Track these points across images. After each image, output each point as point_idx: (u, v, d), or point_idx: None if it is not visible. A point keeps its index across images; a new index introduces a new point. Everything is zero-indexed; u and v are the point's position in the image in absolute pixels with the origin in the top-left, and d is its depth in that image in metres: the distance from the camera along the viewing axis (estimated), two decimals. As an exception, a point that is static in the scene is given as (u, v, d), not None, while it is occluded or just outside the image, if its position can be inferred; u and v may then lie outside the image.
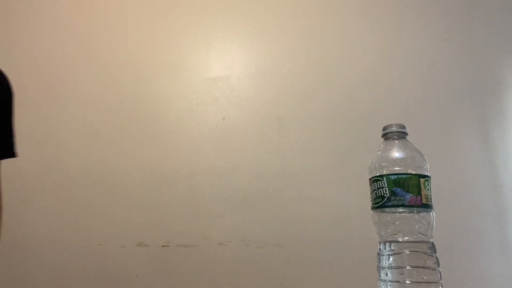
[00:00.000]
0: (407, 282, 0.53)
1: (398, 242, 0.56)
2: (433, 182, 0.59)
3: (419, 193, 0.56)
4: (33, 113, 1.10)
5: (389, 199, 0.56)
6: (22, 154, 1.07)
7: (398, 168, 0.58)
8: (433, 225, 0.57)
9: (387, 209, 0.57)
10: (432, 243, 0.56)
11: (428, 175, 0.58)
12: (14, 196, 1.02)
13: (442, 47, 1.16)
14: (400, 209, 0.56)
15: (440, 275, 0.54)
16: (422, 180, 0.56)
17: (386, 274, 0.55)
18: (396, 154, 0.60)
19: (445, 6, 1.20)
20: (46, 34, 1.17)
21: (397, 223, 0.57)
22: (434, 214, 0.57)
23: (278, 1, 1.20)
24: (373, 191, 0.60)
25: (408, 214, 0.56)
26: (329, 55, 1.15)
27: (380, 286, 0.56)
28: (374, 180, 0.59)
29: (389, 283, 0.55)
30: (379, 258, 0.58)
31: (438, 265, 0.55)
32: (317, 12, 1.19)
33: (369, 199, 0.62)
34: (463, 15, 1.20)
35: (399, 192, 0.56)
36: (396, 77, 1.13)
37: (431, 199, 0.57)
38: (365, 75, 1.13)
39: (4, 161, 0.69)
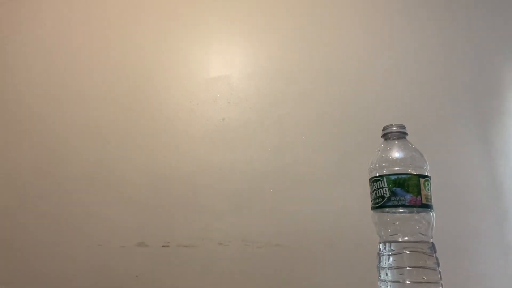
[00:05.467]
0: (407, 282, 0.53)
1: (398, 242, 0.56)
2: (433, 182, 0.59)
3: (419, 193, 0.56)
4: (32, 112, 1.10)
5: (389, 199, 0.56)
6: (22, 153, 1.07)
7: (398, 168, 0.58)
8: (433, 225, 0.57)
9: (387, 209, 0.57)
10: (432, 243, 0.56)
11: (428, 175, 0.58)
12: (13, 196, 1.02)
13: (442, 47, 1.16)
14: (400, 209, 0.56)
15: (440, 275, 0.54)
16: (422, 180, 0.56)
17: (386, 274, 0.55)
18: (396, 154, 0.60)
19: (444, 5, 1.20)
20: (46, 34, 1.17)
21: (397, 223, 0.57)
22: (434, 214, 0.57)
23: (279, 1, 1.20)
24: (373, 191, 0.60)
25: (408, 214, 0.56)
26: (330, 55, 1.15)
27: (380, 286, 0.56)
28: (374, 180, 0.59)
29: (389, 283, 0.55)
30: (379, 258, 0.58)
31: (438, 265, 0.55)
32: (317, 12, 1.19)
33: (369, 199, 0.62)
34: (463, 14, 1.20)
35: (399, 192, 0.56)
36: (396, 77, 1.13)
37: (431, 199, 0.57)
38: (365, 74, 1.13)
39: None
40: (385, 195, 0.57)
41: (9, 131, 1.08)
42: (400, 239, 0.56)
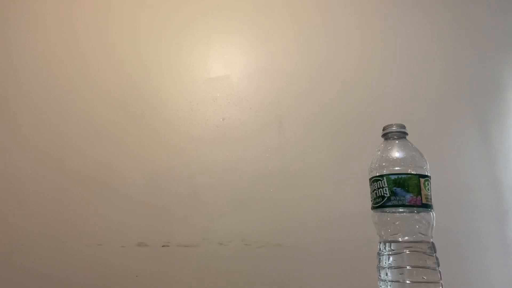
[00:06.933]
0: (407, 282, 0.53)
1: (398, 242, 0.56)
2: (433, 182, 0.59)
3: (419, 193, 0.56)
4: (32, 113, 1.10)
5: (389, 199, 0.56)
6: (22, 154, 1.07)
7: (398, 168, 0.58)
8: (433, 225, 0.57)
9: (387, 209, 0.57)
10: (432, 243, 0.56)
11: (428, 175, 0.58)
12: (13, 196, 1.02)
13: (442, 47, 1.16)
14: (400, 209, 0.56)
15: (440, 275, 0.54)
16: (422, 180, 0.56)
17: (386, 274, 0.55)
18: (396, 154, 0.60)
19: (444, 4, 1.20)
20: (45, 33, 1.17)
21: (397, 223, 0.57)
22: (434, 214, 0.57)
23: (279, 1, 1.20)
24: (373, 191, 0.60)
25: (408, 214, 0.56)
26: (330, 55, 1.15)
27: (380, 286, 0.56)
28: (374, 180, 0.59)
29: (389, 283, 0.55)
30: (379, 258, 0.58)
31: (438, 265, 0.55)
32: (317, 12, 1.19)
33: (369, 199, 0.62)
34: (463, 13, 1.20)
35: (399, 192, 0.56)
36: (396, 77, 1.13)
37: (431, 199, 0.57)
38: (365, 75, 1.13)
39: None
40: (385, 194, 0.57)
41: (9, 131, 1.08)
42: (400, 239, 0.56)
